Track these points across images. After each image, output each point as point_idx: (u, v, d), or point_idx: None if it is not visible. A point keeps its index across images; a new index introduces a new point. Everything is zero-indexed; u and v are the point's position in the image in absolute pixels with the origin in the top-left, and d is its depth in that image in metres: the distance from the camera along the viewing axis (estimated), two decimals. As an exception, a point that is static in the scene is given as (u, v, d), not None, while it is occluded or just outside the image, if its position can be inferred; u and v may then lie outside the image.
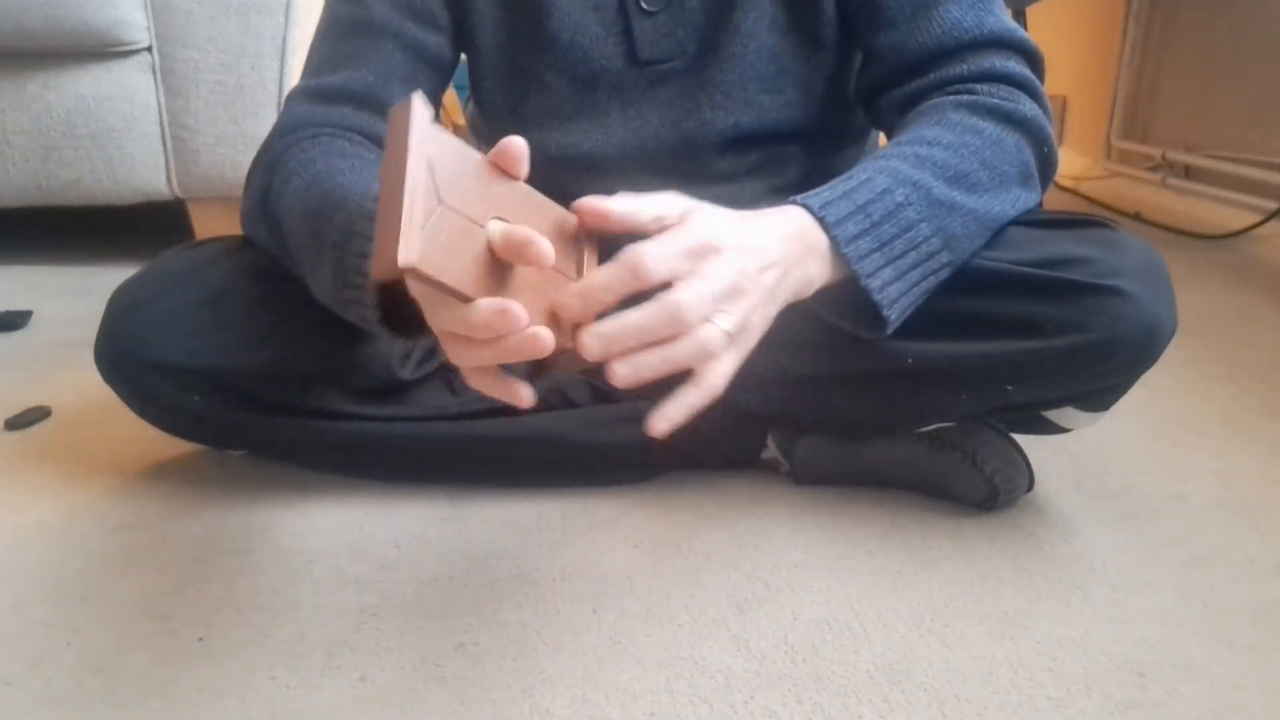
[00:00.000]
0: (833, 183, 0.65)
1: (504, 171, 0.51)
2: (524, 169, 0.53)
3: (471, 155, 0.50)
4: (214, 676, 0.61)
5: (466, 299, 0.49)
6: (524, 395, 0.55)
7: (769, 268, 0.57)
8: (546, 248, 0.48)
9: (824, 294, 0.65)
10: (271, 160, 0.75)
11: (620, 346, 0.52)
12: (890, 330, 0.66)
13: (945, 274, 0.67)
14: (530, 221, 0.51)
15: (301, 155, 0.73)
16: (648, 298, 0.52)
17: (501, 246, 0.49)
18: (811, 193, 0.64)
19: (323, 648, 0.63)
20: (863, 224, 0.63)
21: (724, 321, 0.54)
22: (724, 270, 0.55)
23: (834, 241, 0.62)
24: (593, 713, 0.57)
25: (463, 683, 0.60)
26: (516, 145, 0.52)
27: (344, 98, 0.78)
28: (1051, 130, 0.74)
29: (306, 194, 0.69)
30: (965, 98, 0.72)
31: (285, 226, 0.71)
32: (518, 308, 0.48)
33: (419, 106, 0.48)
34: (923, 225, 0.65)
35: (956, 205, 0.66)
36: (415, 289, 0.51)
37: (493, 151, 0.52)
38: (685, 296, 0.52)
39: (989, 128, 0.70)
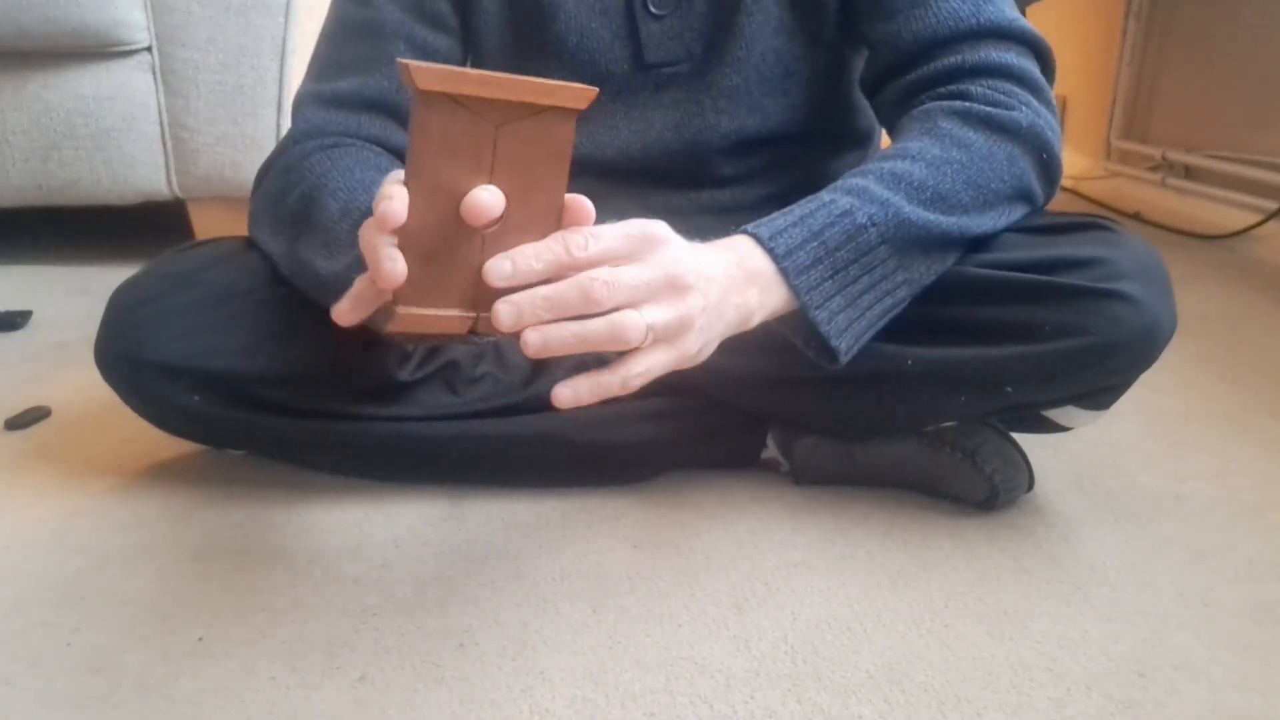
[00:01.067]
0: (792, 207, 0.64)
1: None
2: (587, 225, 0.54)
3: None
4: (214, 676, 0.61)
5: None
6: (343, 313, 0.55)
7: (713, 280, 0.57)
8: (478, 204, 0.49)
9: (786, 319, 0.64)
10: (287, 165, 0.75)
11: (531, 317, 0.52)
12: (844, 360, 0.65)
13: (904, 292, 0.67)
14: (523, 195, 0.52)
15: (329, 163, 0.73)
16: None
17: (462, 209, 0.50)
18: (765, 220, 0.63)
19: (323, 648, 0.63)
20: (816, 252, 0.62)
21: (650, 314, 0.54)
22: (661, 262, 0.54)
23: (783, 273, 0.61)
24: (593, 713, 0.57)
25: (463, 683, 0.60)
26: (585, 211, 0.53)
27: (358, 104, 0.78)
28: (1053, 135, 0.72)
29: (350, 196, 0.69)
30: (958, 105, 0.71)
31: (310, 222, 0.71)
32: (392, 265, 0.49)
33: (424, 79, 0.47)
34: (882, 248, 0.64)
35: (928, 226, 0.65)
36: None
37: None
38: (603, 274, 0.52)
39: (979, 141, 0.69)
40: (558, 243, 0.52)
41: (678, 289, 0.55)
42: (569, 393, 0.55)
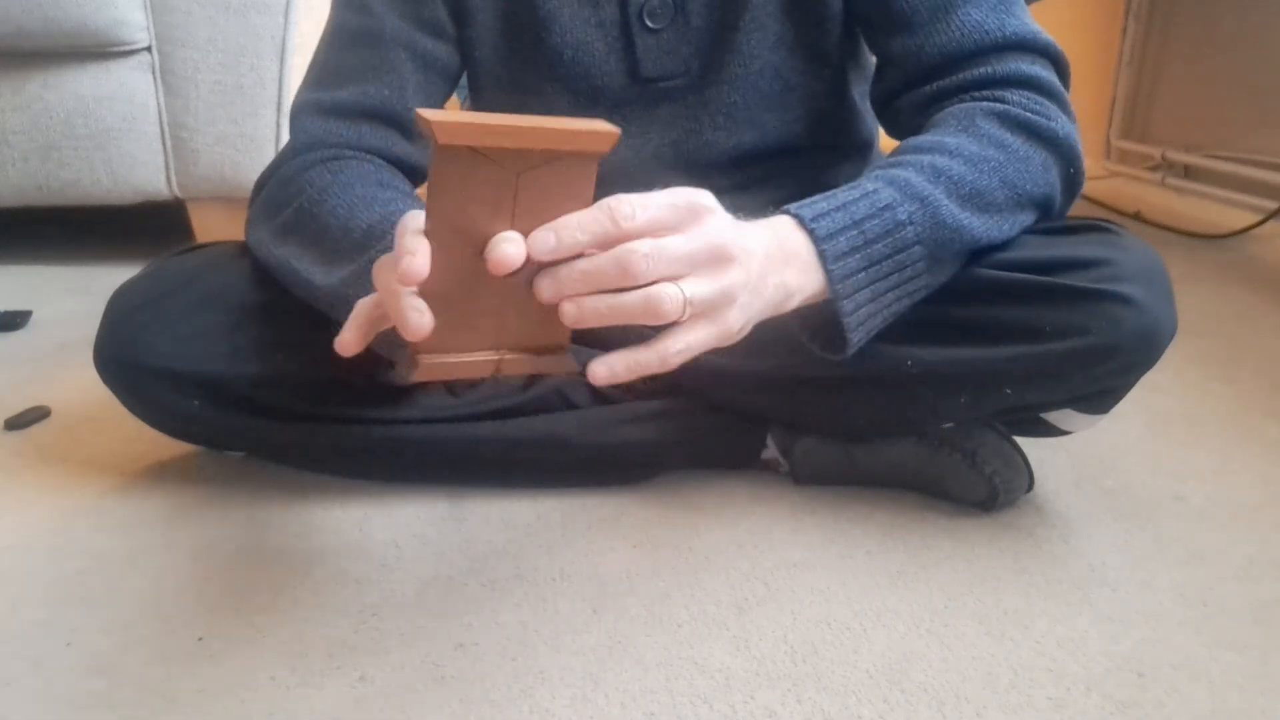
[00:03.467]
0: (835, 191, 0.63)
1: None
2: None
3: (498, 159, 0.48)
4: (214, 676, 0.61)
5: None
6: (347, 344, 0.55)
7: (754, 255, 0.56)
8: (503, 257, 0.47)
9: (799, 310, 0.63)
10: (287, 176, 0.75)
11: (570, 289, 0.50)
12: (849, 353, 0.64)
13: (921, 295, 0.66)
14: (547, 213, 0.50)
15: (330, 178, 0.73)
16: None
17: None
18: (807, 201, 0.62)
19: (323, 648, 0.63)
20: (854, 240, 0.61)
21: (690, 287, 0.52)
22: (704, 233, 0.53)
23: (821, 256, 0.60)
24: (593, 713, 0.57)
25: (463, 683, 0.60)
26: None
27: (359, 113, 0.77)
28: (1080, 147, 0.72)
29: (350, 214, 0.69)
30: (996, 106, 0.70)
31: (309, 236, 0.71)
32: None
33: (438, 130, 0.46)
34: (916, 248, 0.63)
35: (961, 229, 0.65)
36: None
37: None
38: (644, 246, 0.50)
39: (1017, 143, 0.68)
40: (603, 213, 0.50)
41: (720, 261, 0.53)
42: (604, 370, 0.53)
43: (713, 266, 0.53)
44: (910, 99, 0.76)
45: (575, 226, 0.50)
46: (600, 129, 0.49)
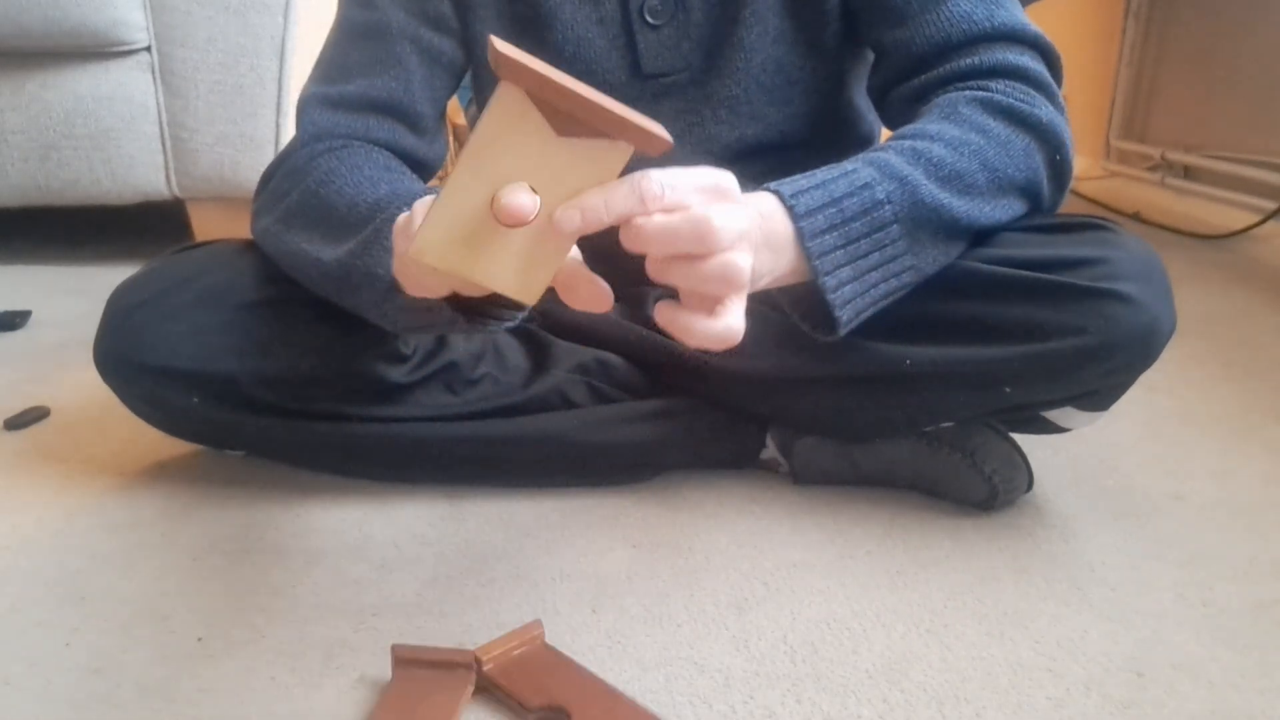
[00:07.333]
0: (816, 170, 0.64)
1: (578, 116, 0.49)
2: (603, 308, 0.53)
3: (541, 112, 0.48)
4: (214, 676, 0.61)
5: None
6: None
7: (744, 238, 0.55)
8: (514, 206, 0.47)
9: (785, 290, 0.63)
10: (295, 166, 0.75)
11: (650, 244, 0.51)
12: (842, 332, 0.64)
13: (909, 278, 0.66)
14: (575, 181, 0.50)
15: (336, 162, 0.73)
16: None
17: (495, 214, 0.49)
18: (788, 180, 0.62)
19: (323, 648, 0.63)
20: (833, 218, 0.62)
21: (743, 259, 0.53)
22: (741, 211, 0.54)
23: (799, 233, 0.61)
24: (592, 713, 0.57)
25: (462, 683, 0.60)
26: (602, 296, 0.53)
27: (365, 106, 0.77)
28: (1067, 137, 0.72)
29: (357, 192, 0.69)
30: (980, 94, 0.71)
31: (315, 215, 0.71)
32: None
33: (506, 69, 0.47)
34: (895, 227, 0.64)
35: (940, 209, 0.65)
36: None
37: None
38: (719, 219, 0.51)
39: (998, 128, 0.69)
40: (632, 193, 0.50)
41: (747, 240, 0.54)
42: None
43: (745, 243, 0.54)
44: (901, 92, 0.77)
45: (601, 206, 0.49)
46: (655, 133, 0.49)
